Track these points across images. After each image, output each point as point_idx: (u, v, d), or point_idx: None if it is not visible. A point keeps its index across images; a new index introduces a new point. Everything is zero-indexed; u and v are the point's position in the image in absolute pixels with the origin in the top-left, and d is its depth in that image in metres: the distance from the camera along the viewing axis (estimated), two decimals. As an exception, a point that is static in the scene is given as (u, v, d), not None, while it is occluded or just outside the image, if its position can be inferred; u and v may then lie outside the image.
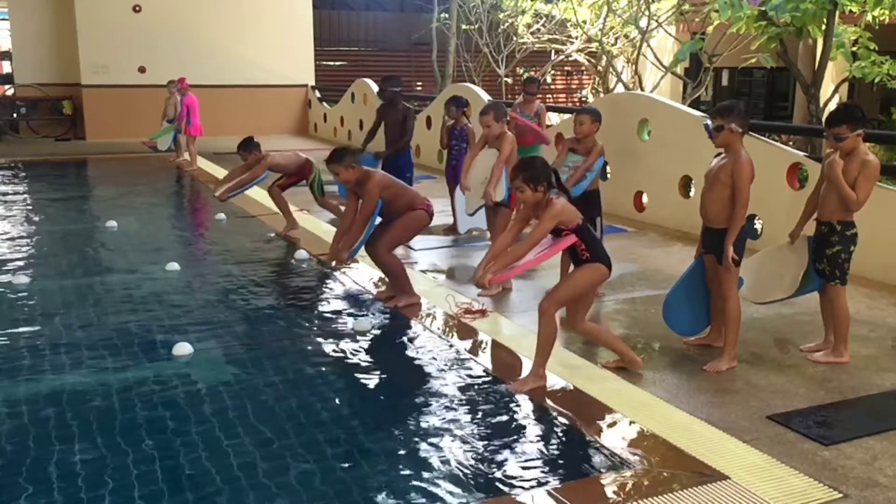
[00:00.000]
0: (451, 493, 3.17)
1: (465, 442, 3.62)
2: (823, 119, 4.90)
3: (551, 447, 3.56)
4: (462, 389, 4.18)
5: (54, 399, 4.00)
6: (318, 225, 8.39)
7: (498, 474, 3.33)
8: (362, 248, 5.51)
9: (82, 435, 3.61)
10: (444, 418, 3.83)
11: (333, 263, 6.03)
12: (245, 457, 3.42)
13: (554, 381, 4.24)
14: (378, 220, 5.50)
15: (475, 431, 3.72)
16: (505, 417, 3.89)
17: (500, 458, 3.49)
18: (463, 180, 6.26)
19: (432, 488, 3.20)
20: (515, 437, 3.69)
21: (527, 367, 4.43)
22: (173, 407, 3.93)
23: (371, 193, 5.38)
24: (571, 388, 4.18)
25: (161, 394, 4.08)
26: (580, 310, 4.35)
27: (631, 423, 3.77)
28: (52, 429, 3.68)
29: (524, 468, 3.39)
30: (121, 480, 3.21)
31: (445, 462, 3.43)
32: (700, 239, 4.70)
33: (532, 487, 3.22)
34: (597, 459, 3.43)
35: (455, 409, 3.94)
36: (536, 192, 4.06)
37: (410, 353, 4.80)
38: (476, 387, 4.22)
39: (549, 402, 4.00)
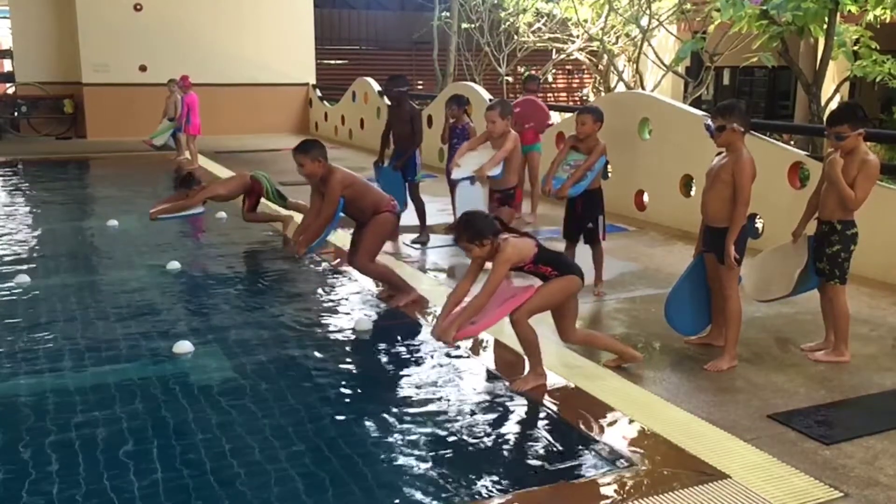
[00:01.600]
0: (451, 492, 3.17)
1: (466, 441, 3.61)
2: (825, 118, 4.89)
3: (552, 446, 3.56)
4: (463, 388, 4.18)
5: (56, 397, 3.99)
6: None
7: (499, 473, 3.33)
8: (323, 245, 5.41)
9: (83, 435, 3.62)
10: (445, 417, 3.83)
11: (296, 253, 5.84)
12: (245, 456, 3.41)
13: (554, 380, 4.24)
14: (340, 216, 5.38)
15: (476, 430, 3.72)
16: (506, 416, 3.89)
17: (501, 456, 3.49)
18: (455, 159, 6.23)
19: (433, 487, 3.20)
20: (516, 436, 3.69)
21: (528, 365, 4.44)
22: (173, 405, 3.93)
23: (333, 191, 5.25)
24: (572, 387, 4.17)
25: (161, 391, 4.08)
26: (566, 323, 4.31)
27: (631, 422, 3.77)
28: (51, 428, 3.68)
29: (525, 467, 3.39)
30: (120, 480, 3.22)
31: (446, 461, 3.43)
32: (700, 237, 4.70)
33: (533, 486, 3.22)
34: (597, 458, 3.43)
35: (456, 408, 3.93)
36: (483, 247, 4.00)
37: (411, 352, 4.79)
38: (477, 386, 4.22)
39: (549, 401, 4.00)
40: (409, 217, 7.74)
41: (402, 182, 7.50)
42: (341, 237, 6.75)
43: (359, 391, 4.27)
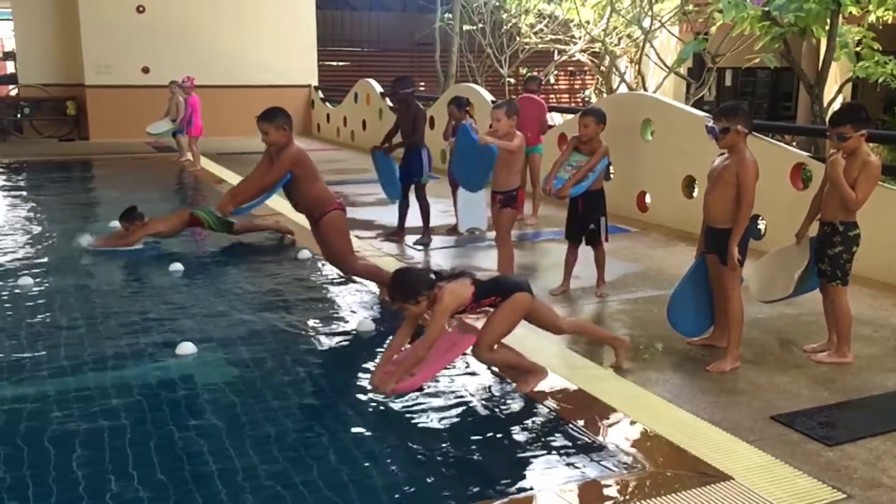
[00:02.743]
0: (453, 493, 3.17)
1: (467, 442, 3.61)
2: (827, 119, 4.89)
3: (554, 448, 3.55)
4: (465, 389, 4.17)
5: (59, 399, 4.00)
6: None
7: (501, 475, 3.33)
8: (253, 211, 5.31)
9: (83, 434, 3.62)
10: (446, 418, 3.83)
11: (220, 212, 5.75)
12: (246, 458, 3.41)
13: (557, 381, 4.24)
14: (279, 188, 5.24)
15: (478, 432, 3.72)
16: (508, 418, 3.88)
17: (502, 458, 3.49)
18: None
19: (434, 488, 3.20)
20: (518, 437, 3.68)
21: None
22: (176, 406, 3.94)
23: (284, 161, 5.14)
24: (574, 388, 4.17)
25: (164, 393, 4.08)
26: (546, 323, 4.31)
27: (634, 423, 3.77)
28: (53, 428, 3.68)
29: (527, 469, 3.39)
30: (123, 482, 3.22)
31: (448, 462, 3.43)
32: (701, 238, 4.70)
33: (535, 488, 3.22)
34: (600, 460, 3.42)
35: (457, 409, 3.93)
36: (420, 303, 3.93)
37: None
38: (479, 387, 4.21)
39: (551, 402, 4.00)
40: (412, 218, 7.75)
41: (393, 169, 7.59)
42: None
43: (361, 392, 4.27)
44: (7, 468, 3.32)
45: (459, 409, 3.93)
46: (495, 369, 4.45)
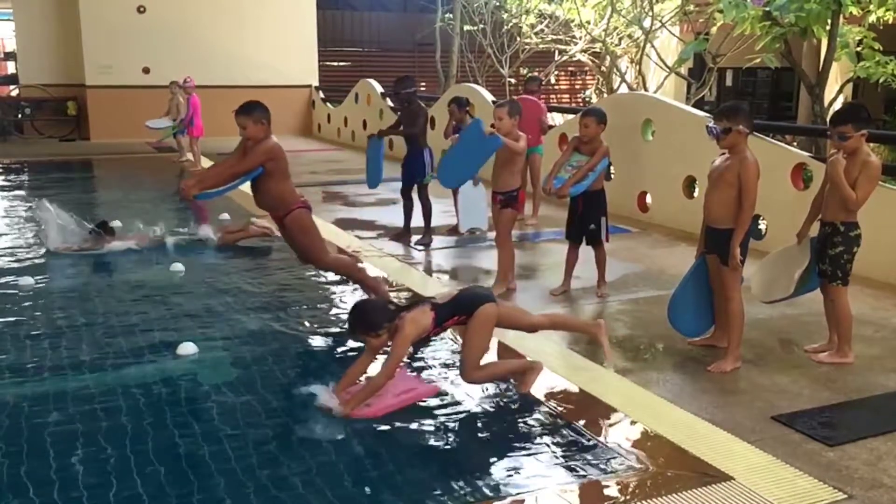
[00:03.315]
0: (454, 493, 3.16)
1: (468, 442, 3.61)
2: (828, 118, 4.89)
3: (555, 448, 3.56)
4: (467, 390, 4.17)
5: (58, 399, 4.00)
6: (323, 226, 8.39)
7: (502, 475, 3.33)
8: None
9: (85, 434, 3.62)
10: (447, 418, 3.83)
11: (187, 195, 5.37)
12: (247, 459, 3.41)
13: (557, 381, 4.24)
14: (246, 181, 5.14)
15: (480, 431, 3.72)
16: (509, 418, 3.88)
17: (504, 458, 3.48)
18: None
19: (435, 488, 3.20)
20: (519, 437, 3.68)
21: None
22: (177, 406, 3.94)
23: (258, 153, 5.03)
24: (575, 388, 4.17)
25: (165, 393, 4.08)
26: (522, 325, 4.30)
27: (635, 423, 3.77)
28: (54, 428, 3.68)
29: (528, 469, 3.39)
30: (125, 481, 3.22)
31: (448, 462, 3.43)
32: (701, 239, 4.69)
33: (536, 488, 3.22)
34: (601, 460, 3.43)
35: (460, 409, 3.93)
36: (380, 336, 3.89)
37: (415, 354, 4.79)
38: (480, 387, 4.21)
39: (552, 402, 4.00)
40: (415, 218, 7.74)
41: (380, 159, 7.72)
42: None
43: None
44: (9, 466, 3.33)
45: (459, 409, 3.93)
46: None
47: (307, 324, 5.28)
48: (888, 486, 3.21)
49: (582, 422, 3.77)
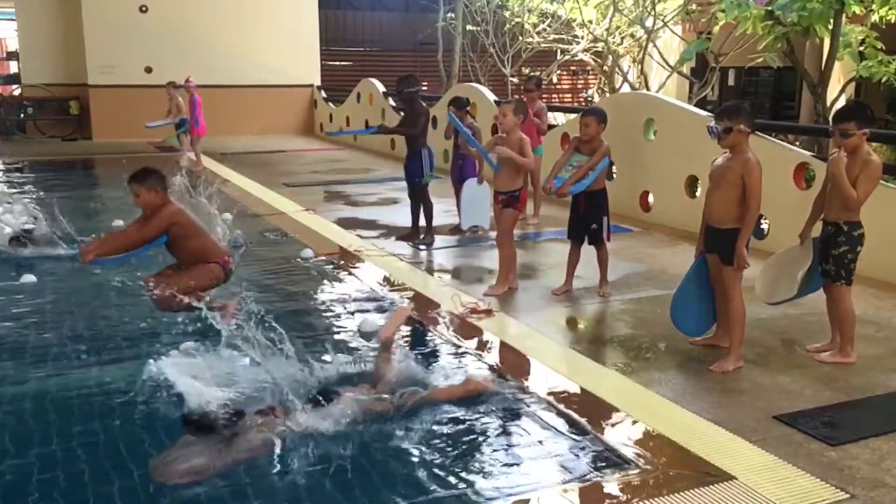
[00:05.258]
0: (454, 493, 3.17)
1: (470, 442, 3.61)
2: (831, 116, 4.89)
3: (556, 447, 3.56)
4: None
5: (58, 397, 4.00)
6: (325, 225, 8.41)
7: (503, 475, 3.33)
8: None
9: (86, 434, 3.63)
10: (449, 418, 3.83)
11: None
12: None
13: (559, 381, 4.24)
14: (149, 250, 5.01)
15: (481, 431, 3.72)
16: (511, 417, 3.88)
17: (505, 457, 3.48)
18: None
19: (436, 488, 3.20)
20: (521, 437, 3.68)
21: (533, 366, 4.47)
22: (177, 406, 3.93)
23: (160, 221, 4.88)
24: (577, 388, 4.17)
25: (166, 392, 4.08)
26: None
27: (636, 423, 3.76)
28: (55, 427, 3.68)
29: (529, 468, 3.39)
30: (126, 481, 3.22)
31: (451, 461, 3.43)
32: (701, 238, 4.69)
33: (538, 488, 3.22)
34: (603, 460, 3.43)
35: (460, 409, 3.93)
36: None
37: (415, 352, 4.79)
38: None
39: (554, 401, 4.00)
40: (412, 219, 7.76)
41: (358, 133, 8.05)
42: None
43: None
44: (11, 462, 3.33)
45: (459, 409, 3.93)
46: (495, 367, 4.45)
47: (310, 321, 5.26)
48: (890, 486, 3.21)
49: (584, 421, 3.77)
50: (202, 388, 3.64)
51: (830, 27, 9.86)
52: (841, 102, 10.90)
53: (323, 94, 18.66)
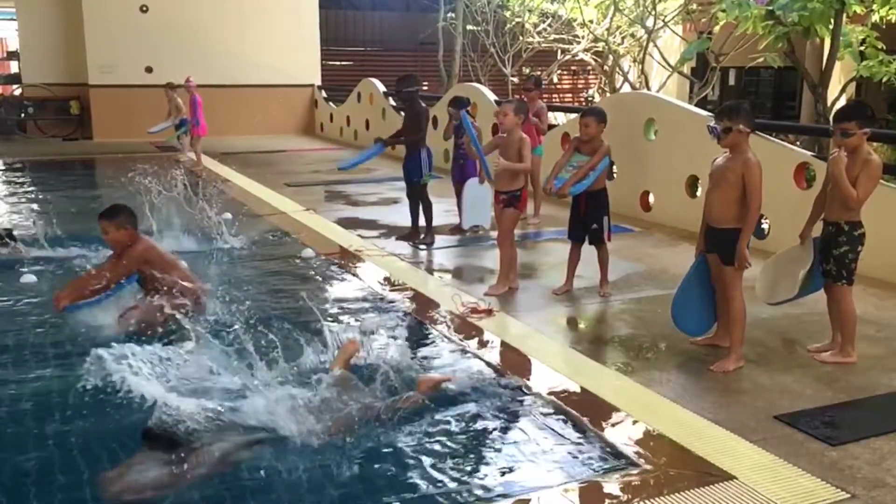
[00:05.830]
0: (454, 493, 3.17)
1: (471, 441, 3.61)
2: (832, 115, 4.88)
3: (557, 447, 3.56)
4: (468, 388, 4.17)
5: (59, 396, 4.00)
6: (326, 225, 8.41)
7: (503, 474, 3.33)
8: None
9: (86, 434, 3.63)
10: (450, 417, 3.83)
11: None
12: (251, 461, 3.42)
13: (559, 380, 4.24)
14: (125, 288, 4.97)
15: (481, 430, 3.72)
16: (511, 416, 3.88)
17: (506, 457, 3.49)
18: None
19: (437, 487, 3.20)
20: (521, 436, 3.68)
21: (533, 365, 4.47)
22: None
23: (131, 261, 4.89)
24: (577, 388, 4.17)
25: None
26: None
27: (637, 422, 3.76)
28: (56, 426, 3.69)
29: (530, 468, 3.39)
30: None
31: (451, 461, 3.43)
32: (700, 238, 4.68)
33: (538, 487, 3.22)
34: (603, 459, 3.43)
35: (461, 408, 3.93)
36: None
37: (416, 352, 4.80)
38: (482, 386, 4.21)
39: (554, 401, 4.00)
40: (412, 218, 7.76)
41: (366, 158, 8.03)
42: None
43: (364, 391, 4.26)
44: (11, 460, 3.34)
45: (459, 409, 3.93)
46: (495, 367, 4.45)
47: (310, 322, 5.26)
48: (891, 486, 3.21)
49: (584, 420, 3.76)
50: (168, 397, 3.53)
51: (831, 27, 9.86)
52: (841, 102, 10.90)
53: (323, 93, 18.66)
